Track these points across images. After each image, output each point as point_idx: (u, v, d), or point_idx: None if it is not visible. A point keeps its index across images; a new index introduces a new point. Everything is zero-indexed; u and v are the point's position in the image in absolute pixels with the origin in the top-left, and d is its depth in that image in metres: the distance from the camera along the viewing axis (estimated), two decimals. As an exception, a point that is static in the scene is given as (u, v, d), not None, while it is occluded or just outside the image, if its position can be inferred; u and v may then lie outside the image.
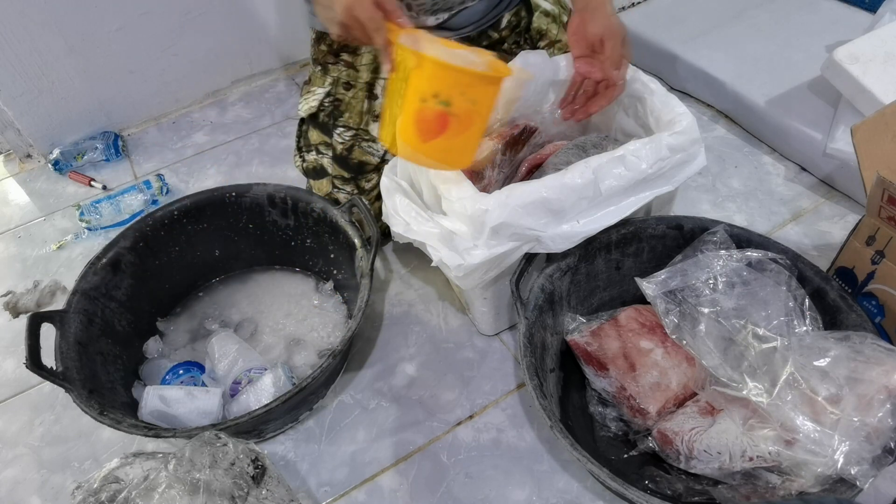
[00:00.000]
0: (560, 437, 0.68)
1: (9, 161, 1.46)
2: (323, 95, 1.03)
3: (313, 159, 1.05)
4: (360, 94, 1.02)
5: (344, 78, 1.03)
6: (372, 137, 1.02)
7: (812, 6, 1.42)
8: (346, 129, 1.02)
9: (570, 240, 0.79)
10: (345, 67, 1.02)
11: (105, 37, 1.33)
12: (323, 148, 1.04)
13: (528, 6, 1.07)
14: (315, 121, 1.05)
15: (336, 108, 1.03)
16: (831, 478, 0.65)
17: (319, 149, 1.05)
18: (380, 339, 1.00)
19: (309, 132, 1.06)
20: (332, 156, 1.03)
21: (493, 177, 0.96)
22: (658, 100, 0.86)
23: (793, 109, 1.18)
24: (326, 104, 1.03)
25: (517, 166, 0.95)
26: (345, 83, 1.03)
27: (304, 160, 1.07)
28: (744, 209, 1.14)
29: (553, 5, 1.09)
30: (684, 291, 0.79)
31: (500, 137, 0.96)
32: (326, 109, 1.03)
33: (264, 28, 1.50)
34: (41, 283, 1.14)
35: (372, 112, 1.03)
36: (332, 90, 1.03)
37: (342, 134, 1.02)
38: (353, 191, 1.02)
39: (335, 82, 1.03)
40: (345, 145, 1.01)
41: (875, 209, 0.76)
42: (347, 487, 0.84)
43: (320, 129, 1.04)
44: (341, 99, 1.03)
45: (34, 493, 0.87)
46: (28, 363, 0.76)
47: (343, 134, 1.01)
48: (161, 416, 0.84)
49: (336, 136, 1.02)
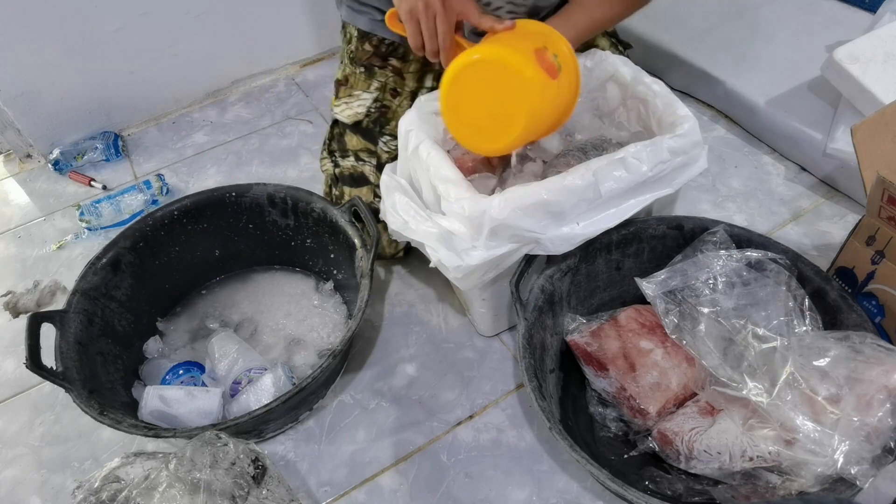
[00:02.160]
0: (559, 438, 0.68)
1: (9, 161, 1.46)
2: (370, 101, 0.98)
3: (351, 165, 1.00)
4: (405, 103, 0.98)
5: (391, 84, 0.98)
6: None
7: (812, 6, 1.42)
8: (392, 138, 0.97)
9: (569, 242, 0.79)
10: (392, 73, 0.98)
11: (105, 37, 1.33)
12: (365, 155, 0.99)
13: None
14: (358, 126, 1.00)
15: (383, 115, 0.98)
16: (831, 477, 0.65)
17: (360, 156, 0.99)
18: (380, 339, 1.00)
19: (346, 136, 1.01)
20: (375, 164, 0.98)
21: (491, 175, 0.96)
22: (661, 101, 0.86)
23: (793, 109, 1.18)
24: (373, 110, 0.98)
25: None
26: (392, 89, 0.98)
27: (337, 165, 1.02)
28: (744, 209, 1.14)
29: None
30: (684, 291, 0.79)
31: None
32: (372, 115, 0.98)
33: (264, 28, 1.50)
34: (41, 283, 1.14)
35: None
36: (379, 96, 0.98)
37: (388, 143, 0.97)
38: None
39: (382, 88, 0.97)
40: (391, 154, 0.97)
41: (875, 209, 0.76)
42: (347, 487, 0.84)
43: (362, 135, 0.99)
44: (388, 106, 0.98)
45: (34, 493, 0.87)
46: (28, 363, 0.76)
47: (390, 143, 0.97)
48: (161, 416, 0.84)
49: (382, 145, 0.98)
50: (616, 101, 0.96)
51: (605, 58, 0.94)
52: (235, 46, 1.50)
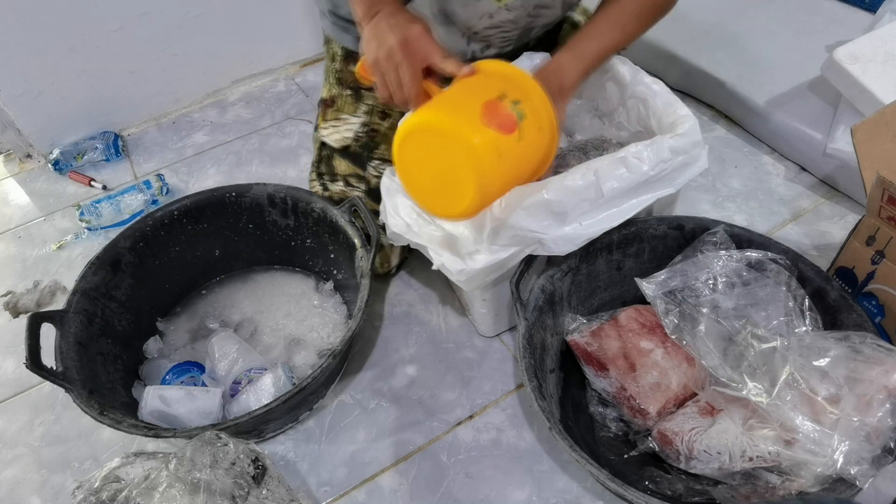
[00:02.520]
0: (559, 438, 0.68)
1: (9, 161, 1.46)
2: (358, 126, 0.95)
3: (340, 190, 0.97)
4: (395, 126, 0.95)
5: (380, 107, 0.94)
6: None
7: (812, 6, 1.42)
8: (381, 163, 0.94)
9: (573, 242, 0.78)
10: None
11: (105, 37, 1.33)
12: (354, 181, 0.96)
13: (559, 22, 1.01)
14: (346, 151, 0.97)
15: (371, 139, 0.95)
16: (831, 477, 0.65)
17: (350, 181, 0.97)
18: (380, 339, 1.00)
19: (334, 160, 0.98)
20: (365, 189, 0.95)
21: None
22: (661, 101, 0.86)
23: (793, 109, 1.18)
24: (361, 135, 0.95)
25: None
26: (380, 112, 0.95)
27: (326, 189, 0.99)
28: (744, 209, 1.14)
29: (581, 15, 1.06)
30: (684, 292, 0.79)
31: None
32: (361, 140, 0.96)
33: (264, 28, 1.50)
34: (41, 283, 1.14)
35: None
36: (367, 120, 0.94)
37: (378, 167, 0.94)
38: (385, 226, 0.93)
39: (371, 111, 0.94)
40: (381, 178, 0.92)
41: (875, 209, 0.76)
42: (347, 487, 0.84)
43: (351, 160, 0.96)
44: (377, 130, 0.95)
45: (34, 493, 0.87)
46: (28, 363, 0.76)
47: (379, 167, 0.94)
48: (161, 416, 0.84)
49: (371, 170, 0.95)
50: (616, 100, 0.96)
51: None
52: (235, 46, 1.50)
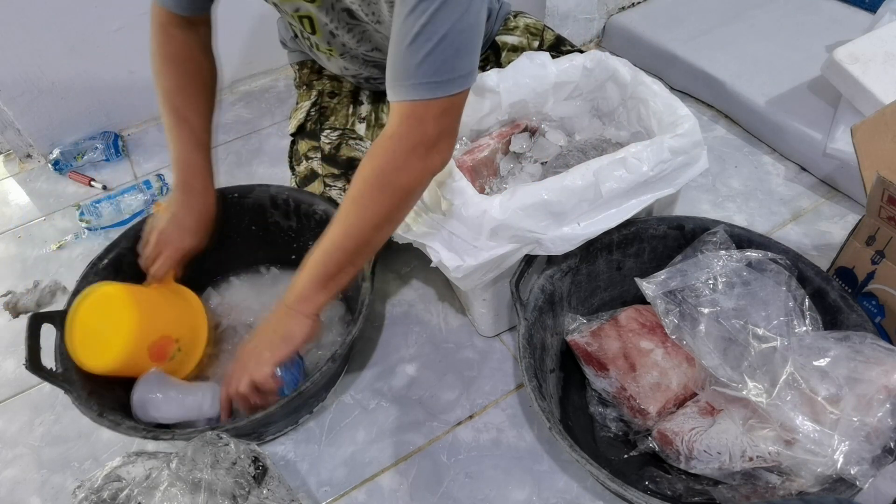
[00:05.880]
0: (559, 438, 0.68)
1: (9, 161, 1.46)
2: (309, 106, 1.06)
3: (304, 167, 1.03)
4: (344, 101, 1.06)
5: (328, 89, 1.08)
6: (358, 136, 1.02)
7: (812, 6, 1.42)
8: (332, 130, 1.03)
9: (570, 242, 0.79)
10: (329, 80, 1.08)
11: (105, 37, 1.33)
12: (312, 153, 1.04)
13: (496, 48, 1.07)
14: (303, 132, 1.06)
15: (322, 114, 1.05)
16: (831, 477, 0.65)
17: (308, 155, 1.04)
18: (380, 339, 1.00)
19: (298, 145, 1.07)
20: (320, 157, 1.03)
21: (491, 176, 0.96)
22: (661, 102, 0.86)
23: (793, 109, 1.19)
24: (312, 113, 1.06)
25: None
26: (329, 93, 1.07)
27: (295, 173, 1.06)
28: (744, 209, 1.14)
29: (521, 36, 1.07)
30: (684, 292, 0.79)
31: (500, 137, 0.96)
32: (313, 118, 1.06)
33: (264, 28, 1.50)
34: (41, 283, 1.14)
35: (358, 114, 1.05)
36: (317, 100, 1.07)
37: (329, 135, 1.03)
38: (344, 186, 1.00)
39: (320, 94, 1.07)
40: (332, 144, 1.01)
41: (875, 209, 0.76)
42: (347, 487, 0.84)
43: (308, 138, 1.05)
44: (326, 106, 1.06)
45: (34, 493, 0.87)
46: (28, 364, 0.76)
47: (330, 135, 1.02)
48: (152, 413, 0.82)
49: (323, 138, 1.03)
50: (616, 101, 0.96)
51: (605, 58, 0.94)
52: (235, 46, 1.50)
